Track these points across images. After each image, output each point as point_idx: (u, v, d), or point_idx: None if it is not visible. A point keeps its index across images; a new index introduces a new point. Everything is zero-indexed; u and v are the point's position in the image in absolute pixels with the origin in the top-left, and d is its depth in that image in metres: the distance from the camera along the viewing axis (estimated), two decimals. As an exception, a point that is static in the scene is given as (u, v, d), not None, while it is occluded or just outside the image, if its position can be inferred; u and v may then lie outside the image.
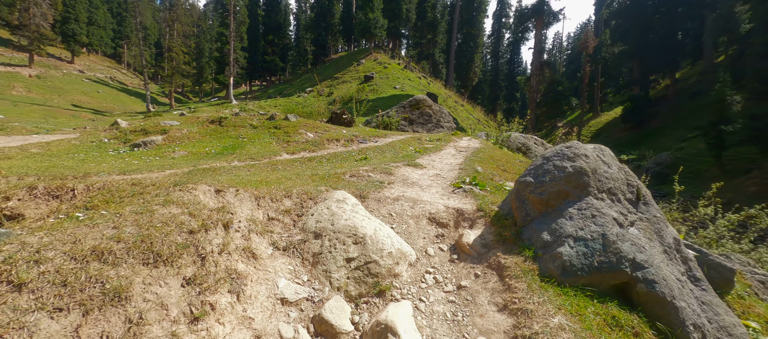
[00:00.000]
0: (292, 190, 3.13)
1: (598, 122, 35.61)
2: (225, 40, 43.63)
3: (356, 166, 4.93)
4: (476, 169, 5.02)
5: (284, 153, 6.31)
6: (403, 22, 41.49)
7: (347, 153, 6.33)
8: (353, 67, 36.13)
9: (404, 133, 14.91)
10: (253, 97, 43.88)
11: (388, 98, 27.67)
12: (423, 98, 16.75)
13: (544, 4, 25.38)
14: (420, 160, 5.91)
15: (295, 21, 62.46)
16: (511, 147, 9.48)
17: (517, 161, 6.15)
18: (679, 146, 27.42)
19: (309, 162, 5.56)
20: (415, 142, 8.01)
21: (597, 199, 2.14)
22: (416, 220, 3.09)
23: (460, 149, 7.28)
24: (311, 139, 7.21)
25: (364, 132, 8.74)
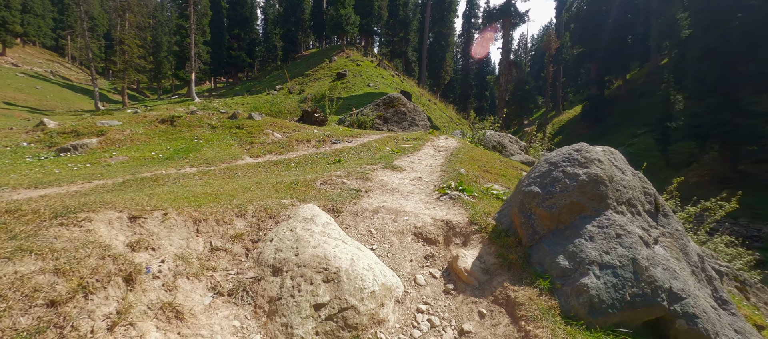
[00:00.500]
0: (248, 206, 2.50)
1: (560, 120, 37.46)
2: (185, 33, 40.49)
3: (329, 171, 4.34)
4: (459, 170, 4.64)
5: (247, 156, 5.54)
6: (375, 20, 40.87)
7: (319, 155, 5.70)
8: (325, 64, 34.98)
9: (379, 131, 14.42)
10: (219, 95, 41.19)
11: (361, 96, 27.01)
12: (397, 96, 16.35)
13: (511, 6, 26.06)
14: (398, 161, 5.44)
15: (263, 15, 59.52)
16: (487, 145, 9.33)
17: (497, 161, 5.90)
18: (631, 142, 29.53)
19: (274, 167, 4.87)
20: (392, 142, 7.54)
21: (617, 214, 1.78)
22: (400, 237, 2.60)
23: (439, 149, 6.92)
24: (278, 139, 6.47)
25: (338, 131, 8.12)
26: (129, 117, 7.37)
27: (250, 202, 2.63)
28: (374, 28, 41.62)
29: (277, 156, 5.68)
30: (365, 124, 15.18)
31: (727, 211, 7.39)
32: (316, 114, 12.74)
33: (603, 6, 34.80)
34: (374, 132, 12.46)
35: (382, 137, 7.88)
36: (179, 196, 2.70)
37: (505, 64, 26.93)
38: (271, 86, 35.84)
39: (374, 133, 9.49)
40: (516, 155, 8.53)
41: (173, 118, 7.08)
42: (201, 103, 29.61)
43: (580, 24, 36.13)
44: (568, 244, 1.73)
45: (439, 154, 6.35)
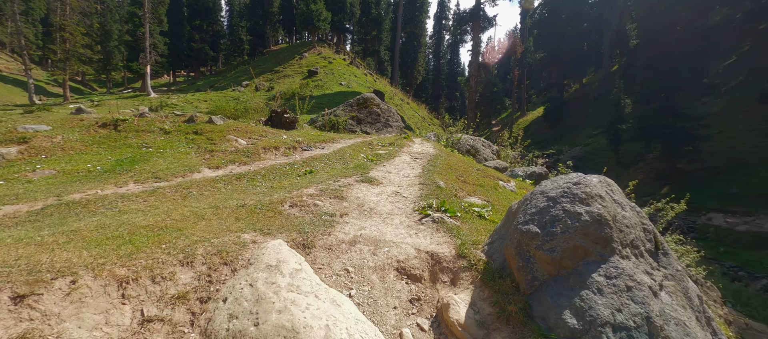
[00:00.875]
0: (197, 248, 2.04)
1: (524, 120, 39.28)
2: (138, 22, 36.95)
3: (299, 187, 3.90)
4: (438, 183, 4.42)
5: (205, 168, 4.90)
6: (347, 17, 40.01)
7: (289, 165, 5.20)
8: (296, 61, 33.63)
9: (353, 134, 13.96)
10: (178, 90, 38.17)
11: (334, 95, 26.30)
12: (371, 97, 15.98)
13: (481, 10, 26.74)
14: (374, 172, 5.12)
15: (228, 6, 56.02)
16: (461, 149, 9.31)
17: (473, 169, 5.80)
18: (587, 142, 31.72)
19: (237, 181, 4.31)
20: (367, 148, 7.19)
21: (623, 258, 1.61)
22: (381, 275, 2.28)
23: (415, 156, 6.70)
24: (243, 147, 5.85)
25: (309, 136, 7.60)
26: (63, 119, 6.29)
27: (201, 241, 2.17)
28: (346, 26, 40.76)
29: (241, 167, 5.09)
30: (338, 125, 14.67)
31: (676, 212, 7.90)
32: (286, 115, 12.04)
33: (562, 14, 36.87)
34: (347, 135, 12.01)
35: (356, 143, 7.50)
36: (109, 234, 2.16)
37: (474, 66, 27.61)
38: (237, 82, 33.84)
39: (347, 138, 9.08)
40: (489, 160, 8.56)
41: (117, 121, 6.15)
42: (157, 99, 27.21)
43: (542, 30, 38.02)
44: (574, 296, 1.53)
45: (415, 162, 6.11)
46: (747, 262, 16.41)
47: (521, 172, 6.76)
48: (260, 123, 12.89)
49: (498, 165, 7.17)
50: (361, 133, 14.83)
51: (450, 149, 8.95)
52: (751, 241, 17.88)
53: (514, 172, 6.85)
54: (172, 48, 43.91)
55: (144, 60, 33.80)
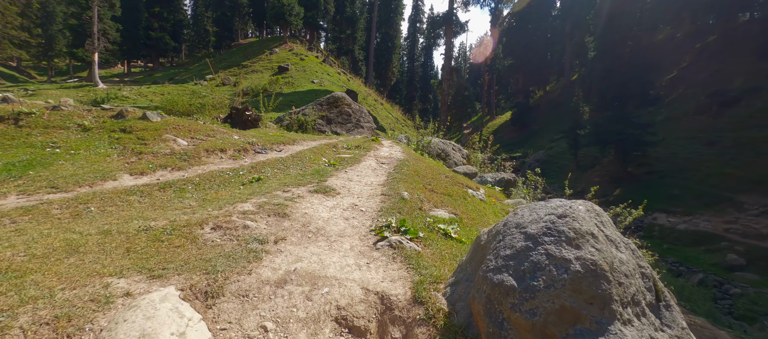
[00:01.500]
0: (21, 315, 1.32)
1: (493, 124, 40.44)
2: (85, 4, 33.22)
3: (235, 202, 3.19)
4: (402, 194, 3.91)
5: (126, 175, 4.00)
6: (321, 14, 38.74)
7: (233, 172, 4.42)
8: (265, 56, 31.88)
9: (321, 134, 13.19)
10: (133, 81, 34.82)
11: (305, 93, 25.17)
12: (342, 96, 15.27)
13: (453, 15, 26.96)
14: (333, 179, 4.51)
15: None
16: (432, 153, 8.95)
17: (442, 176, 5.39)
18: (550, 146, 33.25)
19: (160, 193, 3.50)
20: (330, 151, 6.54)
21: (625, 324, 1.17)
22: (314, 331, 1.70)
23: (382, 160, 6.17)
24: (181, 149, 4.96)
25: (266, 137, 6.79)
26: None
27: (40, 297, 1.45)
28: (320, 23, 39.47)
29: (173, 173, 4.23)
30: (306, 125, 13.81)
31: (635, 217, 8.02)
32: (248, 112, 11.04)
33: (529, 24, 38.37)
34: (315, 136, 11.25)
35: (319, 145, 6.82)
36: None
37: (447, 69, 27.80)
38: (200, 76, 31.47)
39: (312, 139, 8.36)
40: (459, 165, 8.26)
41: (20, 115, 4.97)
42: (104, 90, 24.48)
43: (510, 38, 39.33)
44: (564, 385, 1.08)
45: (381, 167, 5.58)
46: (686, 258, 17.77)
47: (490, 178, 6.47)
48: (218, 120, 11.72)
49: (467, 170, 6.85)
50: (330, 133, 14.08)
51: (420, 153, 8.55)
52: (689, 238, 19.41)
53: (484, 178, 6.55)
54: (126, 35, 39.95)
55: (91, 47, 30.35)
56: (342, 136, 13.09)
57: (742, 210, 20.13)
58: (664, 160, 25.51)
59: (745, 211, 20.06)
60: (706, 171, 23.34)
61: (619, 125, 25.12)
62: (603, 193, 26.22)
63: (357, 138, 9.61)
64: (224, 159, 5.02)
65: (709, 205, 21.19)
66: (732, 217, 20.02)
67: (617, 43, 26.42)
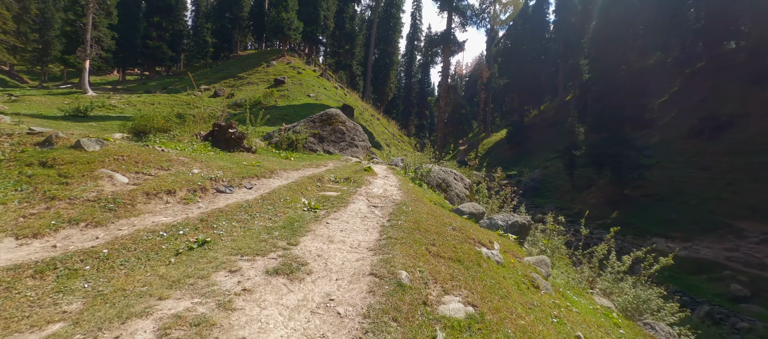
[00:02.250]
0: None
1: (489, 141, 39.76)
2: (80, 11, 32.12)
3: (132, 312, 1.98)
4: (399, 277, 2.72)
5: (9, 238, 2.76)
6: (320, 29, 38.18)
7: (172, 230, 3.19)
8: (262, 68, 30.91)
9: (311, 154, 12.02)
10: (126, 89, 33.47)
11: (300, 107, 24.11)
12: (336, 113, 14.19)
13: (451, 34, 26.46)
14: (309, 240, 3.31)
15: (194, 6, 51.58)
16: (431, 183, 7.80)
17: (448, 228, 4.24)
18: (545, 165, 32.53)
19: (29, 283, 2.25)
20: (314, 188, 5.35)
21: None
22: None
23: (374, 201, 5.00)
24: (114, 191, 3.72)
25: (239, 167, 5.57)
26: None
27: None
28: (319, 37, 38.87)
29: (83, 234, 2.99)
30: (297, 144, 12.64)
31: (662, 265, 6.94)
32: (232, 130, 9.82)
33: (523, 46, 38.31)
34: (303, 157, 10.07)
35: (302, 178, 5.64)
36: None
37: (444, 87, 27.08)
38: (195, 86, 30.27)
39: (298, 165, 7.16)
40: (464, 202, 7.13)
41: None
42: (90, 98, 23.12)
43: (505, 59, 39.16)
44: None
45: (373, 214, 4.41)
46: (689, 287, 16.66)
47: (501, 221, 5.34)
48: (198, 138, 10.47)
49: (474, 210, 5.70)
50: (322, 153, 12.92)
51: (417, 184, 7.40)
52: (691, 266, 18.38)
53: (494, 221, 5.41)
54: (123, 44, 38.88)
55: (82, 53, 29.12)
56: (334, 157, 11.93)
57: (741, 237, 19.25)
58: (659, 184, 24.80)
59: (745, 238, 19.19)
60: (702, 195, 22.60)
61: (616, 147, 24.46)
62: (600, 215, 25.37)
63: (349, 164, 8.45)
64: (170, 205, 3.80)
65: (707, 231, 20.31)
66: (732, 245, 19.12)
67: (611, 66, 26.07)
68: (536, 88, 37.54)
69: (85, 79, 28.55)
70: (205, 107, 24.84)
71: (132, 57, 40.65)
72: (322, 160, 9.89)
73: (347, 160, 10.29)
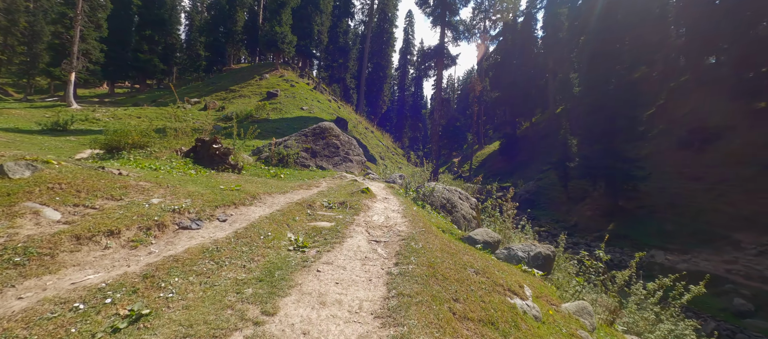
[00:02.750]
0: None
1: (482, 154, 39.40)
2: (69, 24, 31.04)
3: None
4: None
5: None
6: (314, 43, 37.81)
7: (94, 299, 2.19)
8: (255, 81, 30.09)
9: (303, 170, 11.07)
10: (113, 102, 32.15)
11: (293, 120, 23.24)
12: (329, 126, 13.35)
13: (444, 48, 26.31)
14: (290, 302, 2.38)
15: (188, 20, 50.90)
16: (435, 204, 6.93)
17: (469, 270, 3.34)
18: (539, 176, 32.16)
19: None
20: (303, 216, 4.41)
21: None
22: None
23: (375, 234, 4.10)
24: (26, 237, 2.73)
25: (214, 193, 4.60)
26: None
27: None
28: (313, 51, 38.45)
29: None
30: (288, 159, 11.68)
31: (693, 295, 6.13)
32: (216, 145, 8.84)
33: (513, 60, 38.59)
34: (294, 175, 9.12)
35: (287, 205, 4.70)
36: None
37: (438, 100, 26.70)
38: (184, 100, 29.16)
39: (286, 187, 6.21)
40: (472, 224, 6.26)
41: None
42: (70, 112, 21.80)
43: (496, 72, 39.33)
44: None
45: (376, 253, 3.50)
46: (694, 302, 15.99)
47: (522, 253, 4.48)
48: (179, 154, 9.42)
49: (487, 237, 4.83)
50: (315, 168, 11.98)
51: (420, 205, 6.53)
52: (691, 280, 17.72)
53: (512, 251, 4.54)
54: (113, 56, 37.66)
55: (68, 66, 27.97)
56: (328, 173, 11.00)
57: (739, 249, 18.79)
58: (653, 195, 24.48)
59: (743, 250, 18.73)
60: (697, 207, 22.27)
61: (609, 159, 24.17)
62: (596, 227, 24.81)
63: (344, 182, 7.53)
64: (110, 251, 2.82)
65: (705, 243, 19.83)
66: (731, 257, 18.61)
67: (601, 80, 26.13)
68: (527, 101, 37.64)
69: (70, 92, 27.29)
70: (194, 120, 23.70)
71: (122, 70, 39.38)
72: (314, 178, 8.95)
73: (342, 177, 9.38)
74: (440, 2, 25.31)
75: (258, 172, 9.94)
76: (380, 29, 40.68)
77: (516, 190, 31.19)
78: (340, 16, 40.39)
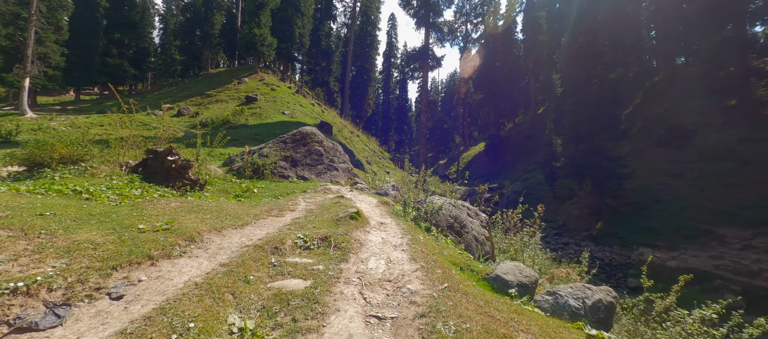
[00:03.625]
0: None
1: (468, 155, 38.65)
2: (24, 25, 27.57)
3: None
4: None
5: None
6: (295, 46, 35.81)
7: None
8: (233, 85, 27.78)
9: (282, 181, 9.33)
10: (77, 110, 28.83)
11: (274, 125, 21.27)
12: (312, 132, 11.66)
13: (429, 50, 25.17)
14: None
15: (162, 24, 47.43)
16: (441, 224, 5.48)
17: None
18: (525, 176, 31.67)
19: None
20: (264, 270, 2.82)
21: None
22: None
23: (374, 296, 2.59)
24: None
25: (122, 241, 2.93)
26: None
27: None
28: (295, 54, 36.41)
29: None
30: (264, 170, 9.90)
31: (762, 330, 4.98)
32: (172, 157, 7.04)
33: (496, 62, 38.17)
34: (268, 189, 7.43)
35: (242, 250, 3.10)
36: None
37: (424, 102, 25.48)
38: (156, 105, 26.48)
39: (246, 218, 4.55)
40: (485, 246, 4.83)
41: None
42: (17, 121, 18.93)
43: (479, 74, 38.77)
44: None
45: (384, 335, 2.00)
46: (686, 300, 15.34)
47: (575, 302, 3.11)
48: (125, 170, 7.49)
49: (521, 277, 3.42)
50: (296, 179, 10.25)
51: (424, 229, 5.06)
52: (679, 275, 17.24)
53: (560, 299, 3.15)
54: (78, 61, 34.09)
55: (21, 71, 24.76)
56: (310, 185, 9.33)
57: (724, 244, 18.50)
58: (637, 192, 24.24)
59: (728, 245, 18.44)
60: (680, 203, 22.06)
61: (594, 158, 23.73)
62: (585, 227, 24.26)
63: (327, 200, 5.94)
64: None
65: (690, 239, 19.46)
66: (717, 252, 18.26)
67: (583, 80, 25.82)
68: (510, 102, 37.27)
69: (24, 99, 24.09)
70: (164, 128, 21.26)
71: (89, 75, 35.74)
72: (292, 193, 7.30)
73: (326, 190, 7.77)
74: (424, 3, 24.19)
75: (227, 186, 8.14)
76: (363, 32, 39.23)
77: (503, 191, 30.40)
78: (322, 19, 38.62)
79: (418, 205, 5.78)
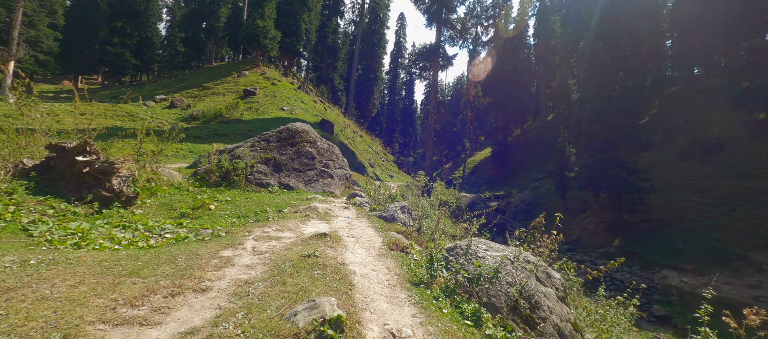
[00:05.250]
0: None
1: (474, 160, 36.13)
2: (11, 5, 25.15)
3: None
4: None
5: None
6: (301, 42, 33.41)
7: None
8: (232, 78, 25.40)
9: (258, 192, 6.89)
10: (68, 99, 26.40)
11: (270, 121, 18.83)
12: (302, 129, 9.20)
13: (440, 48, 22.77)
14: None
15: (169, 15, 45.15)
16: (499, 302, 3.01)
17: None
18: (534, 185, 29.15)
19: None
20: None
21: None
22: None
23: None
24: None
25: None
26: None
27: None
28: (300, 50, 34.00)
29: None
30: (234, 175, 7.41)
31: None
32: (84, 157, 4.46)
33: (505, 66, 35.57)
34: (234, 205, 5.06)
35: None
36: None
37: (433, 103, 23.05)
38: (150, 96, 24.15)
39: (147, 280, 2.11)
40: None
41: None
42: None
43: (488, 78, 36.19)
44: None
45: None
46: (727, 336, 12.65)
47: None
48: (14, 173, 5.01)
49: None
50: (277, 187, 7.71)
51: (470, 319, 2.61)
52: (715, 307, 14.51)
53: None
54: (77, 48, 31.85)
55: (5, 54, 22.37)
56: (292, 198, 6.86)
57: (761, 271, 15.72)
58: (659, 208, 21.55)
59: (765, 273, 15.69)
60: (707, 222, 19.32)
61: (612, 169, 21.08)
62: (601, 243, 21.57)
63: (301, 238, 3.54)
64: None
65: (721, 264, 16.70)
66: (754, 281, 15.50)
67: (603, 86, 23.19)
68: (519, 107, 34.71)
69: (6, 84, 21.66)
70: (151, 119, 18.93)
71: (89, 63, 33.52)
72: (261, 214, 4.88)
73: (308, 211, 5.34)
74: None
75: (174, 199, 5.67)
76: (371, 30, 36.81)
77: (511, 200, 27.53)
78: (330, 15, 36.21)
79: (451, 257, 3.31)
